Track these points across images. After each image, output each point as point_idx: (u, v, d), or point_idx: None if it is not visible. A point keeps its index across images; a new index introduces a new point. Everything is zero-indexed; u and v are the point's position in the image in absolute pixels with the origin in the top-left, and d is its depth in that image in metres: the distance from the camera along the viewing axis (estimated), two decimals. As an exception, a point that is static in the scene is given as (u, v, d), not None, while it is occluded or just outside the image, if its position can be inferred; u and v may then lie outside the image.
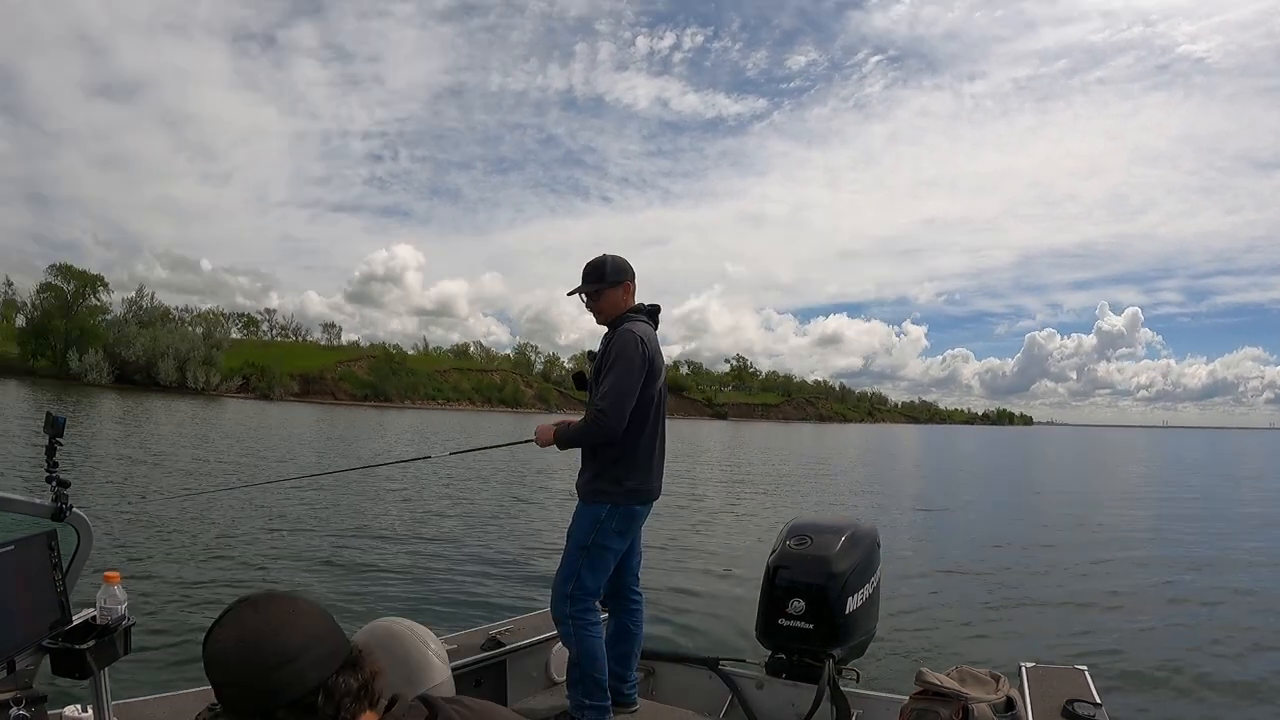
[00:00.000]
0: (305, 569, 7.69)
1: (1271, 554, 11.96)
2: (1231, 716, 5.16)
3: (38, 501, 1.76)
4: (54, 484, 1.77)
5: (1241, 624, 7.48)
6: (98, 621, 1.77)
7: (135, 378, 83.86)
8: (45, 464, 1.77)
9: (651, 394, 2.85)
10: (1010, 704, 2.65)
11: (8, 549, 1.62)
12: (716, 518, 13.29)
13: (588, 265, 2.95)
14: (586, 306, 2.97)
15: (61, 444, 1.79)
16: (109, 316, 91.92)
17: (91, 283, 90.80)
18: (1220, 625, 7.40)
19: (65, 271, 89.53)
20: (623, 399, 2.74)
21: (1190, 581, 9.54)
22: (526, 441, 3.08)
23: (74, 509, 1.81)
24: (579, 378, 3.07)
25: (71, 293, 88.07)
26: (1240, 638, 6.96)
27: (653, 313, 2.99)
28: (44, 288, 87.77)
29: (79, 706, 2.14)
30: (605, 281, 2.90)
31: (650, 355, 2.81)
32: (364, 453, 22.60)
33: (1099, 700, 2.67)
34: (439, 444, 29.91)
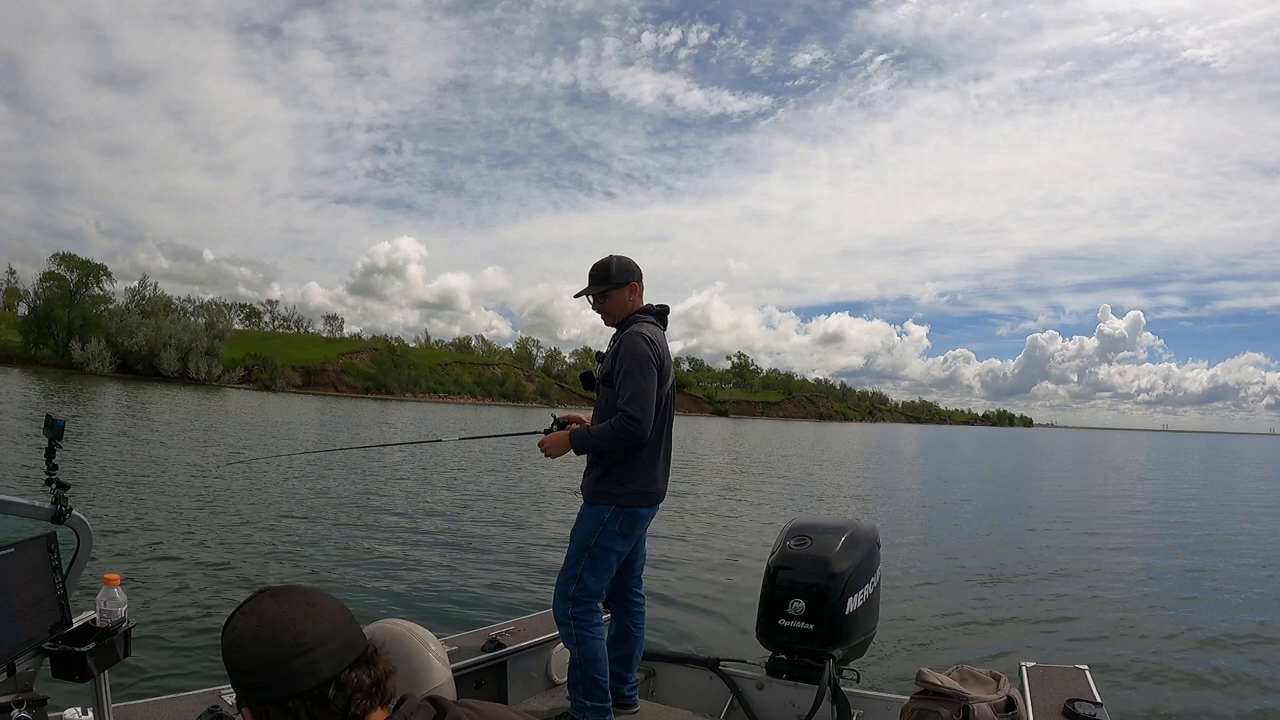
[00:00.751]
0: (305, 571, 7.66)
1: (1270, 553, 11.97)
2: (1231, 715, 5.18)
3: (37, 504, 1.76)
4: (54, 486, 1.76)
5: (1241, 623, 7.50)
6: (98, 624, 1.77)
7: (137, 367, 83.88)
8: (45, 466, 1.76)
9: (660, 396, 2.84)
10: (1011, 704, 2.65)
11: (7, 551, 1.61)
12: (716, 517, 13.30)
13: (594, 267, 2.94)
14: (593, 307, 2.96)
15: (61, 446, 1.78)
16: (111, 306, 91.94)
17: (95, 272, 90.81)
18: (1220, 624, 7.42)
19: (68, 260, 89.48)
20: (647, 402, 2.74)
21: (1190, 581, 9.56)
22: (533, 433, 3.07)
23: (74, 512, 1.80)
24: (586, 377, 3.06)
25: (74, 282, 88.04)
26: (1240, 637, 6.98)
27: (661, 313, 2.97)
28: (47, 276, 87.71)
29: (79, 709, 2.14)
30: (610, 283, 2.90)
31: (660, 356, 2.81)
32: (375, 455, 22.62)
33: (1099, 700, 2.68)
34: (446, 445, 29.88)
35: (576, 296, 2.96)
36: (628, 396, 2.75)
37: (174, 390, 60.91)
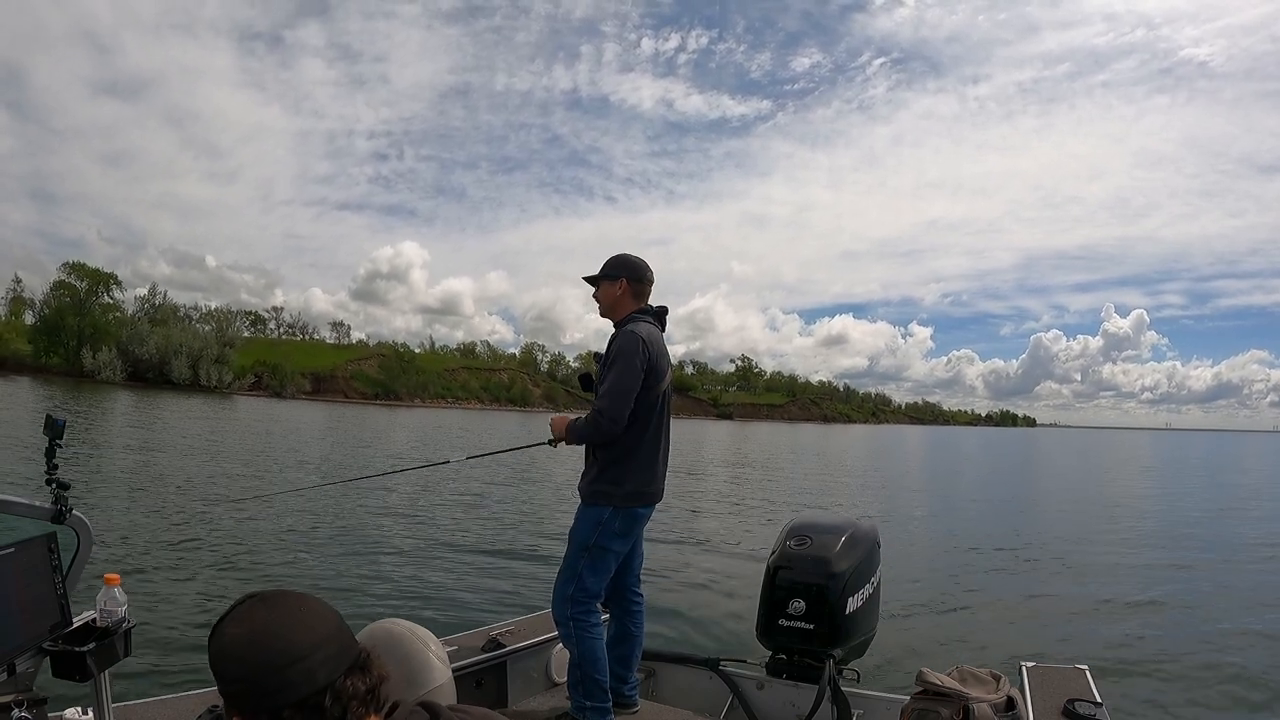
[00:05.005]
0: (304, 570, 7.67)
1: (1270, 553, 11.90)
2: (1231, 715, 5.16)
3: (38, 504, 1.77)
4: (54, 486, 1.77)
5: (1242, 623, 7.47)
6: (98, 624, 1.78)
7: (148, 375, 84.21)
8: (45, 466, 1.78)
9: (654, 396, 2.85)
10: (1011, 703, 2.66)
11: (8, 551, 1.62)
12: (717, 518, 13.30)
13: None
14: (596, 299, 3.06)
15: (61, 446, 1.80)
16: (119, 314, 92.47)
17: (104, 280, 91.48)
18: (1221, 624, 7.40)
19: (78, 269, 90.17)
20: (621, 399, 2.75)
21: (1190, 581, 9.54)
22: (542, 444, 3.10)
23: (74, 511, 1.81)
24: (585, 379, 3.09)
25: (84, 290, 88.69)
26: (1239, 636, 6.96)
27: (659, 314, 3.01)
28: (57, 285, 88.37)
29: (79, 709, 2.15)
30: (601, 274, 2.99)
31: (652, 357, 2.81)
32: (382, 454, 22.69)
33: (1099, 700, 2.68)
34: (452, 445, 29.90)
35: (584, 278, 3.05)
36: (603, 391, 2.78)
37: (186, 398, 61.16)
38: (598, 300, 3.01)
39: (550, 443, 3.02)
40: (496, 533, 10.48)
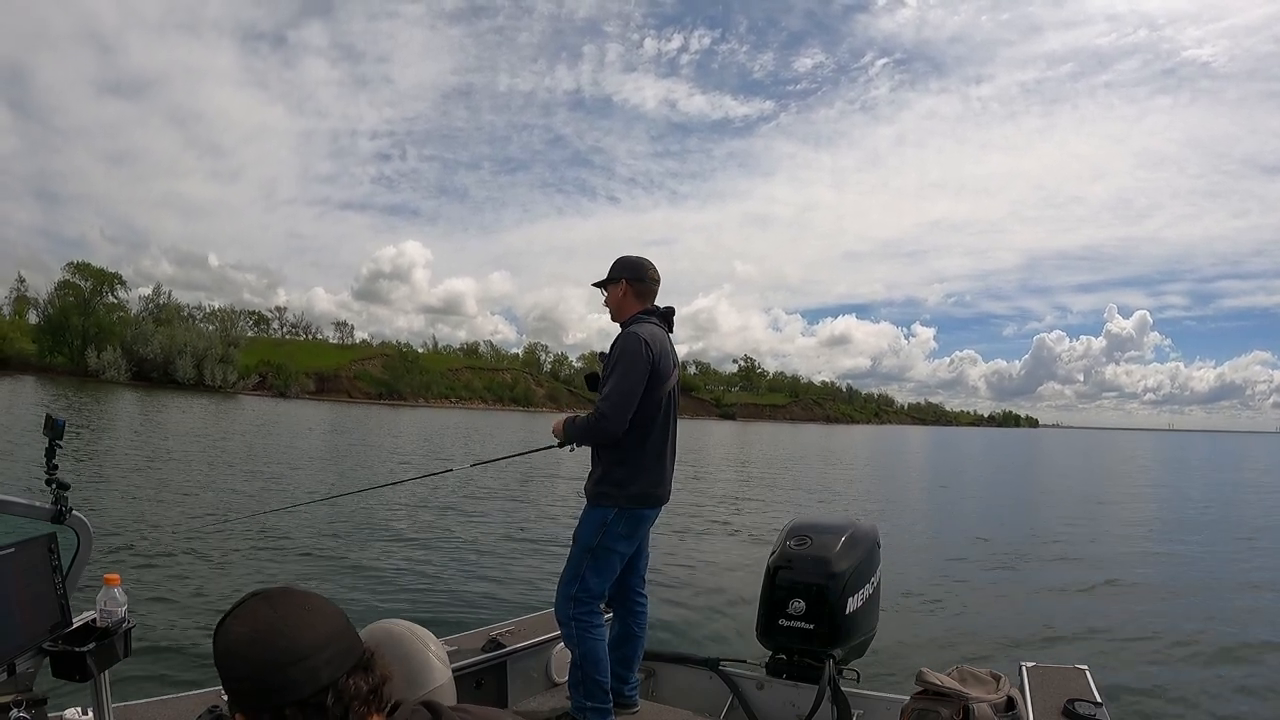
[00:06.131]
0: (304, 569, 7.67)
1: (1270, 554, 11.88)
2: (1232, 715, 5.14)
3: (38, 504, 1.78)
4: (54, 486, 1.78)
5: (1241, 624, 7.46)
6: (98, 624, 1.78)
7: (152, 375, 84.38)
8: (45, 466, 1.79)
9: (659, 397, 2.85)
10: (1011, 704, 2.66)
11: (8, 551, 1.63)
12: (718, 517, 13.29)
13: None
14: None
15: (61, 446, 1.80)
16: (122, 314, 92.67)
17: (109, 280, 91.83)
18: (1220, 625, 7.38)
19: (82, 269, 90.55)
20: (624, 401, 2.75)
21: (1190, 582, 9.53)
22: (550, 446, 3.10)
23: (74, 511, 1.82)
24: (591, 378, 3.09)
25: (89, 290, 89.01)
26: (1240, 638, 6.94)
27: (665, 315, 3.01)
28: (62, 285, 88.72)
29: (79, 709, 2.16)
30: (607, 278, 3.01)
31: (655, 358, 2.81)
32: (389, 455, 22.70)
33: (1099, 700, 2.67)
34: (457, 446, 29.90)
35: (594, 284, 3.08)
36: (605, 392, 2.79)
37: (190, 397, 61.27)
38: (607, 305, 3.03)
39: (559, 444, 3.02)
40: (498, 533, 10.47)
